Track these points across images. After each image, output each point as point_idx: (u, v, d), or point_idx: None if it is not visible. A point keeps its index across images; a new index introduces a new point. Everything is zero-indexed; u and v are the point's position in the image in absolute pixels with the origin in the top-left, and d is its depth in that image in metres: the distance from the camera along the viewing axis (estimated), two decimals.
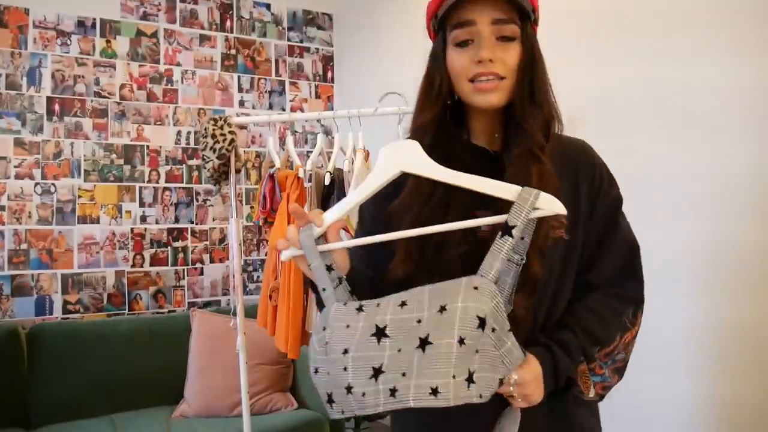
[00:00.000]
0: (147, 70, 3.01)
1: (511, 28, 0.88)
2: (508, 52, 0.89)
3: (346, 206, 0.87)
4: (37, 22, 2.79)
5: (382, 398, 0.74)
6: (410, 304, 0.78)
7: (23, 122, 2.74)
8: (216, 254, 3.12)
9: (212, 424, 2.38)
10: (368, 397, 0.75)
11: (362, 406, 0.76)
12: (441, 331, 0.73)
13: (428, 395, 0.71)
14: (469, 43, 0.89)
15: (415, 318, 0.76)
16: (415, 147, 0.85)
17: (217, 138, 1.98)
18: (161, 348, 2.63)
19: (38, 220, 2.74)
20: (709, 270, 1.67)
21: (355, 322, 0.79)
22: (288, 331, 2.01)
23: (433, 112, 0.93)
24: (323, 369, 0.80)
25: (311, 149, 3.38)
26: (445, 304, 0.75)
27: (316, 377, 0.82)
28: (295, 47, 3.43)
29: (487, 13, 0.87)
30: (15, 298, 2.68)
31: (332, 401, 0.79)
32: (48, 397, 2.41)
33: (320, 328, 0.82)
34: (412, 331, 0.75)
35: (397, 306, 0.78)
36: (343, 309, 0.81)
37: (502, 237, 0.77)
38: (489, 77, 0.88)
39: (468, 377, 0.72)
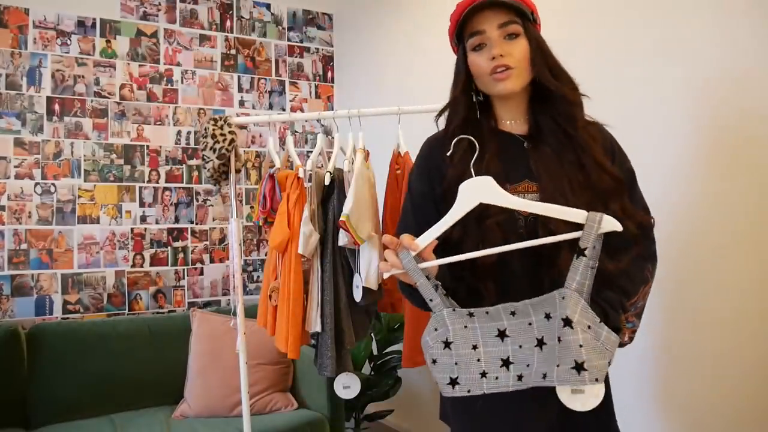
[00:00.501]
0: (147, 70, 3.02)
1: (514, 27, 1.10)
2: (515, 46, 1.10)
3: (435, 232, 1.05)
4: (37, 22, 2.79)
5: (511, 382, 1.01)
6: (518, 314, 1.02)
7: (23, 122, 2.74)
8: (216, 254, 3.12)
9: (212, 424, 2.38)
10: (500, 380, 1.02)
11: (494, 386, 1.02)
12: (550, 333, 0.99)
13: (540, 378, 0.98)
14: (483, 46, 1.11)
15: (527, 322, 1.01)
16: (491, 182, 1.03)
17: (217, 138, 1.98)
18: (161, 348, 2.63)
19: (38, 220, 2.74)
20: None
21: (470, 323, 1.03)
22: (288, 331, 2.00)
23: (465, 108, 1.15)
24: (444, 360, 1.04)
25: (311, 149, 3.38)
26: (548, 312, 1.00)
27: (435, 366, 1.04)
28: (295, 47, 3.43)
29: (492, 21, 1.10)
30: (15, 298, 2.68)
31: (457, 383, 1.03)
32: (48, 397, 2.40)
33: (432, 329, 1.05)
34: (528, 332, 1.01)
35: (509, 314, 1.02)
36: (454, 314, 1.04)
37: (578, 258, 0.98)
38: (502, 68, 1.09)
39: (575, 366, 0.95)
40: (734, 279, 1.60)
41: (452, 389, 1.03)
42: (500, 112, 1.17)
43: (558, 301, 0.98)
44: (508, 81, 1.10)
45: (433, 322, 1.05)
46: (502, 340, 1.02)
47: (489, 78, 1.11)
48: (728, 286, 1.61)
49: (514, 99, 1.15)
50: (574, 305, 0.97)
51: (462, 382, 1.03)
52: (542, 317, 1.00)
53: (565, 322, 0.96)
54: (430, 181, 1.16)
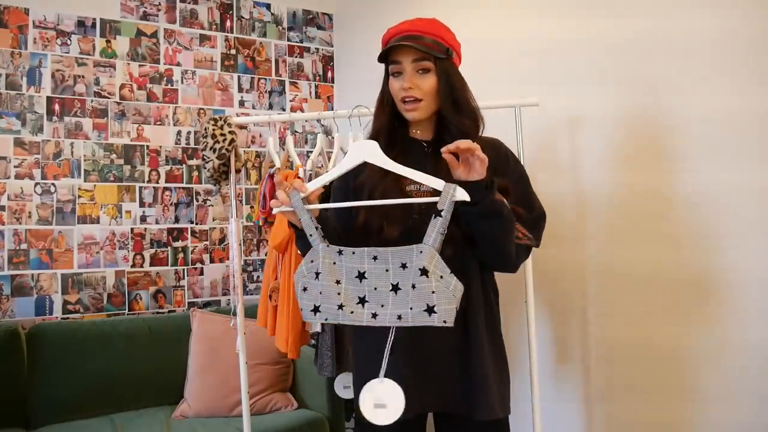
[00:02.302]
0: (147, 70, 3.02)
1: (426, 64, 1.31)
2: (424, 80, 1.32)
3: (323, 180, 1.28)
4: (37, 22, 2.79)
5: (365, 318, 1.19)
6: (380, 259, 1.19)
7: (23, 122, 2.74)
8: (216, 254, 3.12)
9: (212, 424, 2.38)
10: (356, 315, 1.19)
11: (350, 319, 1.19)
12: (404, 281, 1.17)
13: (396, 319, 1.17)
14: (399, 74, 1.34)
15: (384, 268, 1.19)
16: (374, 145, 1.25)
17: (217, 138, 1.98)
18: (161, 348, 2.63)
19: (38, 220, 2.74)
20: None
21: (339, 261, 1.21)
22: (288, 331, 2.01)
23: (385, 117, 1.39)
24: (314, 289, 1.22)
25: (311, 149, 3.38)
26: (404, 262, 1.18)
27: (305, 294, 1.22)
28: (295, 47, 3.43)
29: (408, 55, 1.32)
30: (15, 298, 2.68)
31: (318, 311, 1.21)
32: (48, 397, 2.40)
33: (309, 261, 1.23)
34: (383, 277, 1.19)
35: (371, 258, 1.20)
36: (327, 249, 1.22)
37: (435, 217, 1.16)
38: (410, 99, 1.32)
39: (427, 309, 1.14)
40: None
41: (314, 315, 1.21)
42: (412, 124, 1.40)
43: (416, 254, 1.16)
44: (414, 111, 1.33)
45: (311, 254, 1.22)
46: (360, 281, 1.20)
47: (400, 104, 1.34)
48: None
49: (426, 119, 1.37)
50: (430, 258, 1.15)
51: (323, 310, 1.20)
52: (399, 266, 1.17)
53: (422, 272, 1.15)
54: (346, 179, 1.37)
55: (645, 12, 1.77)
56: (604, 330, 1.93)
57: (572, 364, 2.05)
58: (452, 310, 1.13)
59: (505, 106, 1.89)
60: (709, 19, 1.62)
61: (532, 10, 2.17)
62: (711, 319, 1.63)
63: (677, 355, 1.71)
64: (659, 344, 1.76)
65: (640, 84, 1.79)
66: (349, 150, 1.27)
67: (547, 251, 2.06)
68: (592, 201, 1.96)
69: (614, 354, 1.90)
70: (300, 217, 1.23)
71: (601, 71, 1.90)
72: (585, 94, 1.96)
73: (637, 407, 1.82)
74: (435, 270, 1.14)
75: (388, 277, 1.18)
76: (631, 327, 1.84)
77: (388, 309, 1.16)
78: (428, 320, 1.13)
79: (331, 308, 1.19)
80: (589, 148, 1.97)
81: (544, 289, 2.07)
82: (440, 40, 1.34)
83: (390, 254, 1.18)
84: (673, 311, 1.72)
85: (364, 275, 1.19)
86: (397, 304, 1.16)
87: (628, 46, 1.81)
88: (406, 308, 1.15)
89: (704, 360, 1.65)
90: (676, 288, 1.71)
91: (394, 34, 1.35)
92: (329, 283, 1.20)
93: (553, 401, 2.08)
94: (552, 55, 2.07)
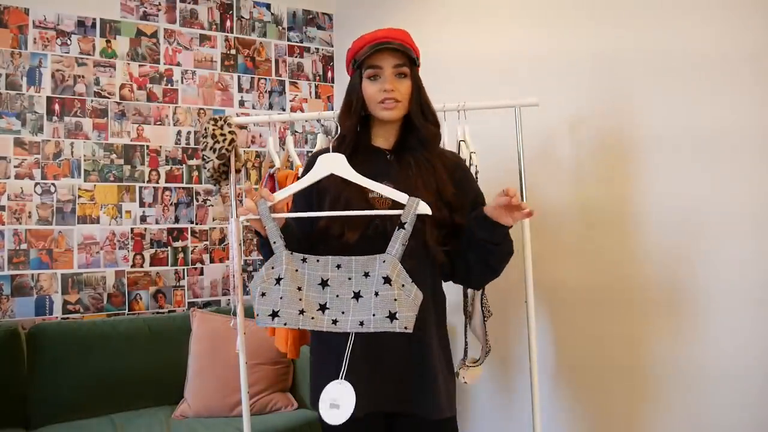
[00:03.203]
0: (147, 70, 3.02)
1: (405, 69, 1.41)
2: (403, 84, 1.41)
3: (290, 190, 1.35)
4: (37, 22, 2.79)
5: (325, 324, 1.22)
6: (343, 267, 1.24)
7: (23, 122, 2.74)
8: (216, 254, 3.12)
9: (212, 424, 2.38)
10: (316, 321, 1.22)
11: (311, 325, 1.21)
12: (366, 289, 1.22)
13: (357, 325, 1.20)
14: (377, 78, 1.41)
15: (347, 276, 1.24)
16: (341, 158, 1.33)
17: (217, 138, 1.98)
18: (161, 348, 2.63)
19: (38, 220, 2.74)
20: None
21: (301, 268, 1.26)
22: (288, 331, 2.01)
23: (352, 123, 1.43)
24: (273, 295, 1.23)
25: (311, 149, 3.38)
26: (367, 271, 1.23)
27: (263, 299, 1.24)
28: (295, 47, 3.43)
29: (389, 60, 1.40)
30: (15, 298, 2.68)
31: (277, 316, 1.22)
32: (48, 397, 2.40)
33: (270, 267, 1.26)
34: (346, 285, 1.23)
35: (335, 266, 1.25)
36: (291, 256, 1.26)
37: (398, 229, 1.23)
38: (391, 100, 1.39)
39: (389, 315, 1.18)
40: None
41: (272, 320, 1.22)
42: (376, 130, 1.48)
43: (378, 263, 1.22)
44: (394, 111, 1.40)
45: (271, 261, 1.26)
46: (323, 288, 1.24)
47: (377, 105, 1.40)
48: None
49: (392, 123, 1.45)
50: (393, 267, 1.20)
51: (282, 315, 1.22)
52: (361, 275, 1.23)
53: (385, 280, 1.20)
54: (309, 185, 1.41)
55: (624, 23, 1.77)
56: (603, 329, 1.93)
57: (571, 364, 2.05)
58: (412, 317, 1.19)
59: (505, 106, 1.89)
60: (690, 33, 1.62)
61: (531, 12, 2.17)
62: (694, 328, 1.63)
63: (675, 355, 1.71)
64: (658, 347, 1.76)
65: (613, 93, 1.79)
66: (317, 161, 1.35)
67: (547, 251, 2.07)
68: (593, 201, 1.96)
69: (614, 353, 1.90)
70: (265, 225, 1.28)
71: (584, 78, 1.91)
72: (581, 97, 1.96)
73: (637, 407, 1.82)
74: (397, 279, 1.20)
75: (351, 285, 1.23)
76: (631, 326, 1.84)
77: (350, 315, 1.21)
78: (390, 326, 1.18)
79: (291, 313, 1.22)
80: (589, 149, 1.97)
81: (544, 290, 2.07)
82: (413, 49, 1.44)
83: (354, 263, 1.23)
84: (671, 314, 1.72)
85: (327, 282, 1.24)
86: (358, 311, 1.21)
87: (603, 55, 1.82)
88: (369, 315, 1.19)
89: (691, 368, 1.65)
90: (672, 294, 1.71)
91: (370, 41, 1.41)
92: (291, 289, 1.23)
93: (553, 401, 2.08)
94: (550, 57, 2.07)
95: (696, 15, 1.65)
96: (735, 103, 1.57)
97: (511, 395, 2.27)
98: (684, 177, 1.70)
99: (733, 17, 1.57)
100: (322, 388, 1.28)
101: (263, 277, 1.25)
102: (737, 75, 1.56)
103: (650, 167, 1.78)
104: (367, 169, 1.35)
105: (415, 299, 1.20)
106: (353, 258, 1.23)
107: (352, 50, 1.46)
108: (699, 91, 1.65)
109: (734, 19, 1.57)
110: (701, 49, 1.64)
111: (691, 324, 1.68)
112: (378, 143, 1.48)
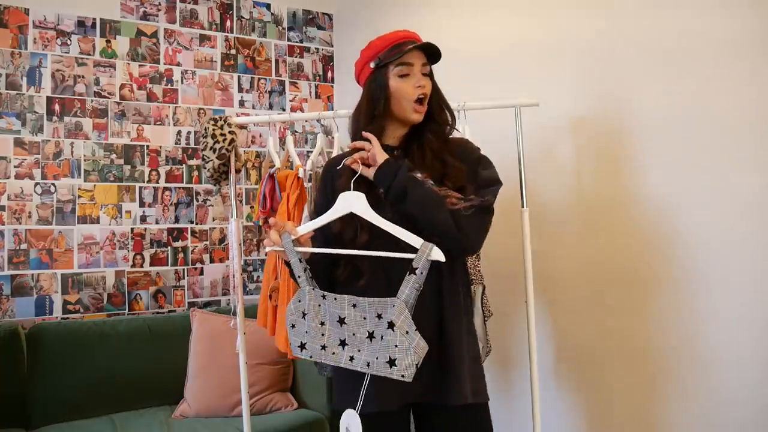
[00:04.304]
0: (147, 70, 3.02)
1: (429, 68, 1.45)
2: (428, 82, 1.44)
3: (313, 225, 1.38)
4: (37, 22, 2.79)
5: (343, 360, 1.27)
6: (358, 307, 1.26)
7: (23, 122, 2.74)
8: (216, 254, 3.12)
9: (212, 424, 2.38)
10: (336, 356, 1.28)
11: (332, 360, 1.28)
12: (378, 330, 1.24)
13: (366, 366, 1.25)
14: (406, 76, 1.41)
15: (362, 316, 1.26)
16: (362, 197, 1.34)
17: (217, 138, 1.98)
18: (161, 348, 2.63)
19: (38, 220, 2.74)
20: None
21: (323, 305, 1.30)
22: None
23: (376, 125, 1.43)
24: (301, 328, 1.31)
25: (311, 149, 3.38)
26: (380, 313, 1.24)
27: (293, 330, 1.32)
28: (295, 47, 3.43)
29: (419, 59, 1.42)
30: (15, 298, 2.68)
31: (304, 348, 1.31)
32: (48, 397, 2.40)
33: (297, 300, 1.31)
34: (361, 324, 1.26)
35: (351, 306, 1.27)
36: (313, 292, 1.31)
37: (409, 275, 1.22)
38: (422, 96, 1.41)
39: (389, 361, 1.21)
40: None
41: (300, 352, 1.31)
42: (388, 131, 1.47)
43: (389, 307, 1.22)
44: (422, 114, 1.43)
45: (299, 294, 1.31)
46: (341, 325, 1.28)
47: (409, 104, 1.41)
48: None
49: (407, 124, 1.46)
50: (399, 313, 1.21)
51: (308, 348, 1.30)
52: (374, 316, 1.24)
53: (389, 325, 1.21)
54: (326, 196, 1.48)
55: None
56: (603, 329, 1.93)
57: (572, 364, 2.05)
58: (412, 366, 1.20)
59: (505, 106, 1.89)
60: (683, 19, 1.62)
61: (531, 10, 2.17)
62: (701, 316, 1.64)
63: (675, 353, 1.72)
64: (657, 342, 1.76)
65: (613, 93, 1.79)
66: (339, 198, 1.36)
67: (547, 250, 2.07)
68: (593, 200, 1.96)
69: (614, 352, 1.90)
70: (290, 259, 1.32)
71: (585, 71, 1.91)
72: (582, 95, 1.96)
73: (636, 405, 1.82)
74: (402, 325, 1.20)
75: (365, 325, 1.25)
76: (631, 325, 1.84)
77: (363, 355, 1.25)
78: (389, 372, 1.21)
79: (315, 348, 1.29)
80: (589, 148, 1.97)
81: (544, 287, 2.07)
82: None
83: (367, 304, 1.25)
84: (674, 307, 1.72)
85: (344, 320, 1.27)
86: (369, 352, 1.25)
87: (593, 44, 1.82)
88: (373, 357, 1.23)
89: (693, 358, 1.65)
90: (675, 285, 1.72)
91: (396, 40, 1.43)
92: (315, 324, 1.29)
93: (553, 401, 2.08)
94: (550, 55, 2.07)
95: (698, 8, 1.65)
96: (735, 97, 1.57)
97: (511, 395, 2.27)
98: (684, 177, 1.70)
99: (734, 8, 1.57)
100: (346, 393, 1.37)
101: (292, 309, 1.31)
102: (737, 68, 1.56)
103: (650, 166, 1.78)
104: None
105: (416, 348, 1.20)
106: (367, 299, 1.25)
107: (372, 49, 1.45)
108: (699, 89, 1.65)
109: (736, 10, 1.57)
110: (704, 47, 1.64)
111: (695, 321, 1.68)
112: (387, 141, 1.48)
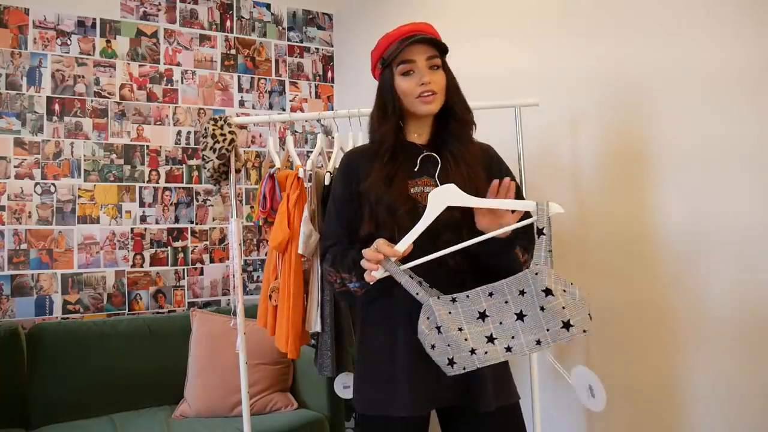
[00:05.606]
0: (147, 70, 3.02)
1: (437, 61, 1.37)
2: (438, 76, 1.37)
3: (411, 237, 1.25)
4: (37, 22, 2.80)
5: (501, 355, 1.18)
6: (496, 294, 1.19)
7: (23, 122, 2.74)
8: (216, 254, 3.12)
9: (212, 424, 2.38)
10: (490, 354, 1.18)
11: (486, 360, 1.18)
12: (528, 307, 1.17)
13: (535, 345, 1.16)
14: (411, 73, 1.36)
15: (503, 301, 1.19)
16: (455, 188, 1.24)
17: (217, 138, 1.98)
18: (161, 348, 2.63)
19: (38, 220, 2.74)
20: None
21: (454, 309, 1.21)
22: (288, 331, 2.00)
23: (390, 127, 1.39)
24: (440, 344, 1.20)
25: (311, 149, 3.38)
26: (521, 289, 1.17)
27: (434, 351, 1.21)
28: (295, 47, 3.43)
29: (422, 53, 1.36)
30: (15, 298, 2.68)
31: (453, 363, 1.19)
32: (48, 397, 2.40)
33: (425, 318, 1.21)
34: (505, 309, 1.18)
35: (487, 295, 1.20)
36: (439, 301, 1.21)
37: (539, 237, 1.18)
38: (428, 93, 1.35)
39: (564, 325, 1.14)
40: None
41: (452, 369, 1.20)
42: (410, 127, 1.44)
43: (531, 278, 1.16)
44: (433, 104, 1.36)
45: (424, 312, 1.22)
46: (483, 320, 1.19)
47: (415, 100, 1.36)
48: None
49: (426, 117, 1.41)
50: (548, 277, 1.15)
51: (457, 360, 1.19)
52: (517, 294, 1.18)
53: (546, 293, 1.15)
54: (349, 187, 1.42)
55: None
56: (603, 328, 1.93)
57: (571, 362, 2.05)
58: (585, 318, 1.15)
59: (505, 106, 1.89)
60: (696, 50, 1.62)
61: (533, 11, 2.17)
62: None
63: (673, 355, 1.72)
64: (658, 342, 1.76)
65: (613, 93, 1.79)
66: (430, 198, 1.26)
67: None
68: (593, 201, 1.96)
69: (615, 353, 1.90)
70: (400, 281, 1.24)
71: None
72: (583, 96, 1.96)
73: (636, 405, 1.82)
74: (557, 286, 1.15)
75: (510, 308, 1.18)
76: (630, 325, 1.84)
77: (521, 338, 1.17)
78: (567, 335, 1.15)
79: (464, 356, 1.18)
80: (589, 149, 1.97)
81: None
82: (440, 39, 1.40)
83: (505, 285, 1.19)
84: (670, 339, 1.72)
85: (485, 313, 1.19)
86: (528, 331, 1.17)
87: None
88: (543, 331, 1.16)
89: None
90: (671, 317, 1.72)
91: (398, 36, 1.38)
92: (453, 333, 1.19)
93: (553, 401, 2.08)
94: (550, 57, 2.07)
95: (698, 21, 1.65)
96: (732, 111, 1.57)
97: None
98: (684, 176, 1.70)
99: (733, 26, 1.57)
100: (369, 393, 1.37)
101: (424, 331, 1.21)
102: (735, 80, 1.56)
103: (650, 167, 1.78)
104: (406, 168, 1.36)
105: (582, 299, 1.15)
106: (503, 281, 1.19)
107: (378, 49, 1.44)
108: (697, 94, 1.65)
109: (731, 29, 1.57)
110: (699, 54, 1.64)
111: (693, 332, 1.68)
112: (412, 139, 1.44)
